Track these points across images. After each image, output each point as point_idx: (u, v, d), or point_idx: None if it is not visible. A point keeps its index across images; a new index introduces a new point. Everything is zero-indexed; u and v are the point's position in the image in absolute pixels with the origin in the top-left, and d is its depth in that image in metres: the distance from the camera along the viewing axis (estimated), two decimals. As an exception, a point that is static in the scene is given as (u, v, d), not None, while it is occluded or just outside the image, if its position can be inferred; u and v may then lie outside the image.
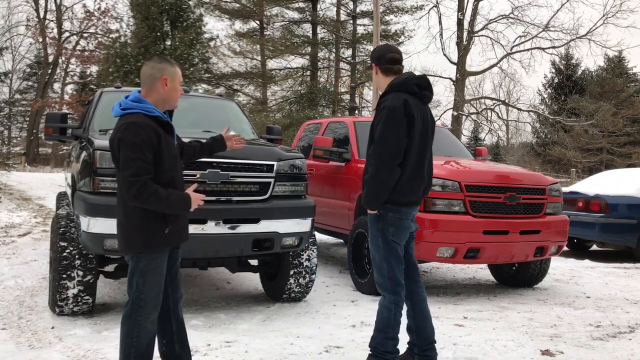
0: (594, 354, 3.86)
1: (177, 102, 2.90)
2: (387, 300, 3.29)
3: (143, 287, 2.75)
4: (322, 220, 6.64)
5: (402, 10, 27.51)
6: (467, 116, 28.72)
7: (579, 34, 26.62)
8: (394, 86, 3.29)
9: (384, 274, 3.29)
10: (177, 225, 2.81)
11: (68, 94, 37.90)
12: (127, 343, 2.78)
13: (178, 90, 2.88)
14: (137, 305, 2.77)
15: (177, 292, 3.01)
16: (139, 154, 2.63)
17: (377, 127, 3.23)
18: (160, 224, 2.74)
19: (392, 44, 3.66)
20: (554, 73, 41.78)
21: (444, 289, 6.07)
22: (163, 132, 2.76)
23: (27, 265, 6.34)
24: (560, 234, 5.71)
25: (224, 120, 5.72)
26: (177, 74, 2.87)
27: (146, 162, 2.64)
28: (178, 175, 2.85)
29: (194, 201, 2.80)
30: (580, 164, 33.53)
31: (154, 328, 2.85)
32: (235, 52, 28.24)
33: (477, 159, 6.92)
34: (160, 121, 2.78)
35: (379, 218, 3.29)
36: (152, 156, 2.68)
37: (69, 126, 5.25)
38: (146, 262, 2.76)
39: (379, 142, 3.20)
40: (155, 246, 2.76)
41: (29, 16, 39.96)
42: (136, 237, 2.74)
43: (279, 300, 5.15)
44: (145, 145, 2.65)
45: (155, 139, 2.69)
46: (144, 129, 2.67)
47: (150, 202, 2.65)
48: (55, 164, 34.64)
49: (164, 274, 2.84)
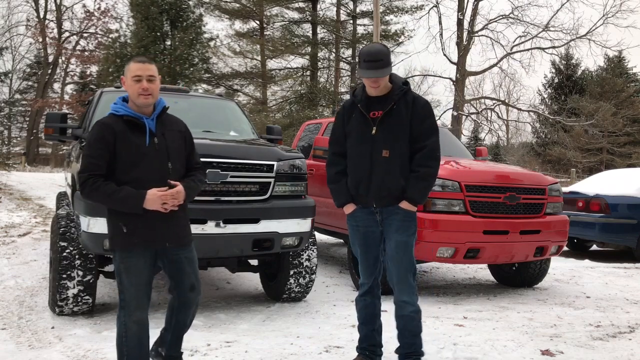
0: (594, 354, 3.86)
1: (139, 98, 2.78)
2: (416, 302, 3.24)
3: (121, 287, 2.80)
4: (322, 220, 6.64)
5: (402, 10, 27.53)
6: (467, 116, 28.70)
7: (579, 34, 26.63)
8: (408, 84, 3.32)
9: (413, 271, 3.23)
10: (136, 225, 2.73)
11: (68, 94, 37.94)
12: (118, 343, 2.85)
13: (133, 86, 2.77)
14: (120, 306, 2.82)
15: (183, 295, 2.95)
16: (88, 151, 2.73)
17: (425, 121, 3.19)
18: (118, 223, 2.76)
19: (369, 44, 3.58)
20: (554, 73, 41.80)
21: (444, 289, 6.07)
22: (128, 130, 2.76)
23: (27, 265, 6.34)
24: (560, 234, 5.71)
25: (224, 120, 5.72)
26: (129, 69, 2.82)
27: (94, 159, 2.70)
28: (147, 176, 2.74)
29: (151, 200, 2.68)
30: (580, 164, 33.54)
31: (140, 329, 2.80)
32: (235, 52, 28.23)
33: (477, 159, 6.92)
34: (127, 120, 2.78)
35: (414, 215, 3.24)
36: (106, 154, 2.71)
37: (69, 126, 5.24)
38: (119, 262, 2.79)
39: (438, 135, 3.21)
40: (117, 246, 2.78)
41: (29, 16, 40.05)
42: (109, 235, 2.82)
43: (279, 300, 5.15)
44: (97, 143, 2.71)
45: (110, 137, 2.72)
46: (100, 127, 2.76)
47: (93, 197, 2.72)
48: (55, 164, 34.61)
49: (144, 275, 2.80)
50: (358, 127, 3.26)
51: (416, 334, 3.25)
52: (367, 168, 3.20)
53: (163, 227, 2.79)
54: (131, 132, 2.77)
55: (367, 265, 3.34)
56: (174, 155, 2.86)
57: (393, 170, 3.16)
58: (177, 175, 2.86)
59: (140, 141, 2.76)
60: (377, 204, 3.22)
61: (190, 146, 3.01)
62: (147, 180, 2.73)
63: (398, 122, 3.18)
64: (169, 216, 2.78)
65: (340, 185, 3.32)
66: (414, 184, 3.15)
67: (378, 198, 3.20)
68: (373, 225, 3.27)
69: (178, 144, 2.91)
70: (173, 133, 2.91)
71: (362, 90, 3.30)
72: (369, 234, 3.29)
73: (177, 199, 2.76)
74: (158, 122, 2.86)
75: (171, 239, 2.84)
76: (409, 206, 3.17)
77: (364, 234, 3.31)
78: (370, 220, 3.27)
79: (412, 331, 3.24)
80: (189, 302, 2.98)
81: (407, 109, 3.19)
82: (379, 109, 3.22)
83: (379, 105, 3.23)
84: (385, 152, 3.17)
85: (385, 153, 3.17)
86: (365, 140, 3.22)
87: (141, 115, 2.80)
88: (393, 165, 3.16)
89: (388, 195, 3.18)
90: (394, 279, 3.23)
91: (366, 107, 3.25)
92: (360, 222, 3.30)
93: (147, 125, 2.79)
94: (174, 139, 2.89)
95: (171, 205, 2.74)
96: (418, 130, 3.18)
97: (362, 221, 3.29)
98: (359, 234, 3.32)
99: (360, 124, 3.25)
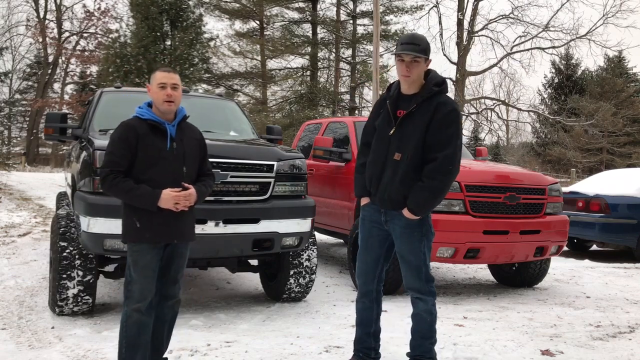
0: (594, 354, 3.86)
1: (163, 104, 2.95)
2: (430, 303, 3.16)
3: (130, 278, 2.96)
4: (322, 220, 6.64)
5: (402, 10, 27.53)
6: (467, 116, 28.71)
7: (579, 34, 26.72)
8: (443, 87, 3.13)
9: (422, 277, 3.15)
10: (149, 221, 2.90)
11: (68, 94, 37.89)
12: (120, 331, 2.99)
13: (158, 93, 2.96)
14: (125, 296, 2.98)
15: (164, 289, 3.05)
16: (111, 148, 2.93)
17: (444, 130, 3.00)
18: (132, 218, 2.93)
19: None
20: (554, 73, 41.80)
21: (444, 289, 6.07)
22: (151, 134, 2.94)
23: (27, 265, 6.34)
24: (560, 234, 5.71)
25: (224, 120, 5.72)
26: (154, 77, 3.02)
27: (116, 156, 2.89)
28: (162, 177, 2.91)
29: (165, 200, 2.87)
30: (580, 164, 33.53)
31: (141, 317, 2.94)
32: (235, 52, 28.24)
33: (477, 159, 6.92)
34: (150, 124, 2.96)
35: (422, 222, 3.13)
36: (127, 153, 2.89)
37: (69, 126, 5.24)
38: (131, 254, 2.97)
39: (456, 147, 3.03)
40: (130, 239, 2.95)
41: (29, 16, 40.04)
42: (122, 229, 2.99)
43: (279, 300, 5.15)
44: (120, 141, 2.91)
45: (133, 138, 2.90)
46: (124, 128, 2.95)
47: (112, 192, 2.90)
48: (55, 164, 34.62)
49: (152, 268, 2.95)
50: (382, 124, 3.19)
51: (425, 336, 3.18)
52: (380, 168, 3.16)
53: (173, 224, 2.96)
54: (153, 135, 2.95)
55: (365, 264, 3.31)
56: (189, 161, 3.03)
57: (398, 176, 3.08)
58: (190, 179, 3.03)
59: (162, 145, 2.95)
60: (381, 205, 3.20)
61: (204, 153, 3.18)
62: (162, 181, 2.91)
63: (414, 126, 3.05)
64: (179, 215, 2.95)
65: (361, 177, 3.33)
66: (415, 194, 3.04)
67: (382, 200, 3.17)
68: (379, 223, 3.24)
69: (194, 151, 3.08)
70: (190, 140, 3.08)
71: (397, 86, 3.21)
72: (373, 230, 3.27)
73: (188, 201, 2.94)
74: (178, 129, 3.03)
75: (179, 236, 3.02)
76: (410, 215, 3.07)
77: (369, 229, 3.30)
78: (376, 217, 3.24)
79: (420, 332, 3.19)
80: (169, 295, 3.07)
81: (428, 113, 3.03)
82: (404, 108, 3.11)
83: (406, 104, 3.11)
84: (397, 155, 3.08)
85: (397, 156, 3.08)
86: (383, 139, 3.16)
87: (164, 120, 2.98)
88: (400, 170, 3.07)
89: (389, 199, 3.13)
90: (404, 280, 3.22)
91: (394, 104, 3.16)
92: (367, 216, 3.31)
93: (169, 131, 2.97)
94: (191, 145, 3.07)
95: (182, 206, 2.92)
96: (434, 139, 3.02)
97: (370, 215, 3.29)
98: (364, 228, 3.33)
99: (384, 121, 3.18)
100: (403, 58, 3.07)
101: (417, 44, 3.06)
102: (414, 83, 3.12)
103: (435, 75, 3.16)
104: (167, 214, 2.91)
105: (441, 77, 3.17)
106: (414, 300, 3.21)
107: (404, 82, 3.14)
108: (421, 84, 3.13)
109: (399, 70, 3.11)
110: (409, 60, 3.05)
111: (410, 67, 3.06)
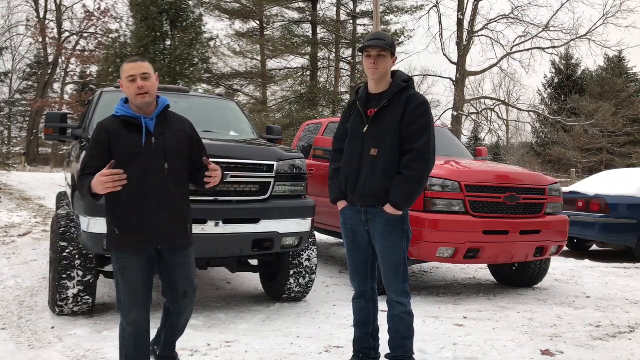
0: (594, 354, 3.86)
1: (136, 98, 2.76)
2: (407, 304, 3.18)
3: (117, 288, 2.83)
4: (322, 220, 6.63)
5: (402, 10, 27.51)
6: (467, 116, 28.71)
7: (579, 34, 26.62)
8: (410, 82, 3.21)
9: (400, 277, 3.16)
10: (128, 226, 2.73)
11: (68, 94, 37.91)
12: (120, 343, 2.91)
13: (129, 87, 2.76)
14: (117, 307, 2.87)
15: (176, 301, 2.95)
16: (87, 152, 2.84)
17: (416, 122, 3.06)
18: (111, 225, 2.79)
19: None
20: (554, 73, 41.79)
21: (444, 289, 6.07)
22: (124, 130, 2.77)
23: (27, 265, 6.34)
24: (560, 234, 5.71)
25: (224, 120, 5.72)
26: (122, 70, 2.82)
27: (90, 158, 2.76)
28: (142, 174, 2.72)
29: (95, 184, 2.58)
30: (580, 164, 33.52)
31: (135, 331, 2.82)
32: (235, 52, 28.21)
33: (477, 159, 6.92)
34: (123, 120, 2.80)
35: (403, 219, 3.14)
36: (99, 154, 2.74)
37: (69, 126, 5.24)
38: (115, 262, 2.81)
39: (431, 137, 3.08)
40: (112, 247, 2.80)
41: (29, 16, 40.03)
42: (105, 238, 2.87)
43: (279, 300, 5.15)
44: (94, 144, 2.80)
45: (105, 137, 2.76)
46: (97, 129, 2.82)
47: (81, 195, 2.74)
48: (55, 164, 34.60)
49: (139, 276, 2.79)
50: (354, 124, 3.25)
51: (405, 336, 3.20)
52: (356, 166, 3.18)
53: (155, 228, 2.77)
54: (127, 131, 2.77)
55: (355, 266, 3.32)
56: (171, 156, 2.80)
57: (378, 170, 3.09)
58: (177, 176, 2.82)
59: (136, 140, 2.76)
60: (361, 204, 3.19)
61: (197, 146, 2.96)
62: (142, 179, 2.72)
63: (388, 120, 3.11)
64: (162, 217, 2.76)
65: (335, 182, 3.33)
66: (397, 187, 3.06)
67: (362, 197, 3.16)
68: (359, 224, 3.24)
69: (179, 144, 2.85)
70: (174, 132, 2.86)
71: (365, 87, 3.29)
72: (356, 232, 3.27)
73: (114, 180, 2.58)
74: (158, 122, 2.83)
75: (164, 240, 2.82)
76: (392, 210, 3.07)
77: (352, 232, 3.30)
78: (357, 219, 3.24)
79: (400, 333, 3.21)
80: (181, 308, 2.98)
81: (400, 107, 3.10)
82: (375, 106, 3.18)
83: (376, 103, 3.18)
84: (373, 151, 3.12)
85: (373, 152, 3.12)
86: (357, 137, 3.20)
87: (139, 115, 2.80)
88: (379, 164, 3.09)
89: (371, 195, 3.12)
90: (383, 280, 3.23)
91: (365, 104, 3.22)
92: (347, 219, 3.30)
93: (144, 125, 2.78)
94: (174, 138, 2.84)
95: (113, 187, 2.58)
96: (408, 131, 3.08)
97: (350, 219, 3.28)
98: (347, 232, 3.32)
99: (356, 121, 3.24)
100: (370, 53, 3.15)
101: (383, 39, 3.17)
102: (382, 81, 3.20)
103: (402, 74, 3.28)
104: (147, 217, 2.72)
105: (407, 75, 3.29)
106: (392, 302, 3.22)
107: (371, 80, 3.22)
108: (389, 82, 3.21)
109: (366, 65, 3.19)
110: (375, 54, 3.13)
111: (377, 61, 3.13)
